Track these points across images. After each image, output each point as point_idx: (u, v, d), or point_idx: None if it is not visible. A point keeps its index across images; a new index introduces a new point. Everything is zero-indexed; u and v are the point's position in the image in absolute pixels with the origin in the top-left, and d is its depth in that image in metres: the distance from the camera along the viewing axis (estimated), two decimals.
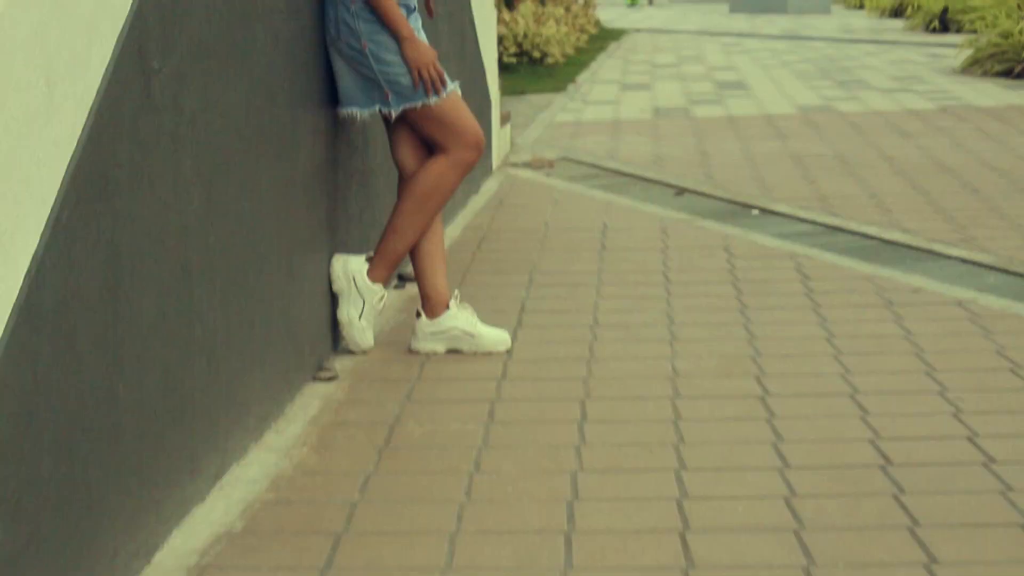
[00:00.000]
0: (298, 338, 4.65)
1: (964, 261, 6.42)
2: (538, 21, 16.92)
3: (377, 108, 4.97)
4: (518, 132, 10.73)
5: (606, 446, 4.08)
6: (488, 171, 8.75)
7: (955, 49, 17.07)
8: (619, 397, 4.55)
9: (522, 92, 13.98)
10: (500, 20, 16.03)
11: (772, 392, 4.54)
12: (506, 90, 13.59)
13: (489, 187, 8.45)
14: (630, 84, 14.99)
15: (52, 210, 2.83)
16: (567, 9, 20.60)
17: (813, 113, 12.19)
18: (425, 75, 4.88)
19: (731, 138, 10.66)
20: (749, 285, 5.98)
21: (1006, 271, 6.21)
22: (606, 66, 17.15)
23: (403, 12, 4.88)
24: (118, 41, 3.19)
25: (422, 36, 5.01)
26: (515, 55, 16.04)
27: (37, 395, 2.77)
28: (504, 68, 15.37)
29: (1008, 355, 4.89)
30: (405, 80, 4.88)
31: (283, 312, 4.48)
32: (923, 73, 15.80)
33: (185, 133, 3.60)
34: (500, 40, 15.67)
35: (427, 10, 5.28)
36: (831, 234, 7.08)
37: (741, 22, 27.09)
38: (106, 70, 3.13)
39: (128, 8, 3.25)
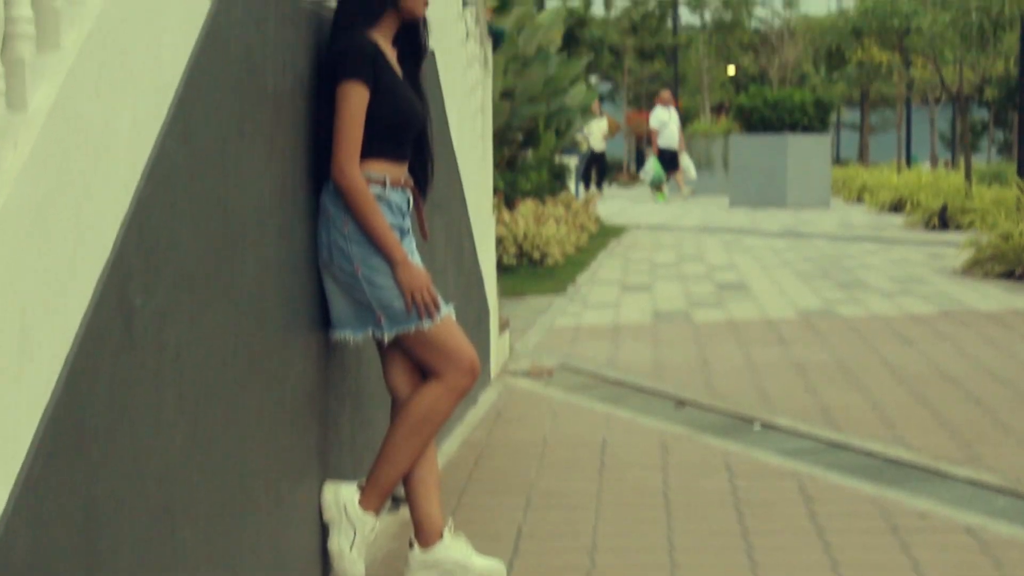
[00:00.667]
0: (287, 571, 4.50)
1: (971, 482, 6.28)
2: (538, 221, 16.96)
3: (370, 332, 4.89)
4: (517, 337, 10.66)
5: None
6: (487, 381, 8.65)
7: (955, 248, 17.09)
8: None
9: (522, 294, 13.95)
10: (500, 221, 16.06)
11: None
12: (506, 292, 13.55)
13: (487, 398, 8.34)
14: (630, 285, 14.97)
15: (22, 467, 2.71)
16: (567, 207, 20.69)
17: (814, 317, 12.13)
18: (419, 299, 4.80)
19: (732, 344, 10.58)
20: (751, 508, 5.83)
21: (1015, 494, 6.06)
22: (606, 265, 17.15)
23: (397, 235, 4.82)
24: (99, 280, 3.10)
25: (416, 259, 4.94)
26: (515, 256, 16.05)
27: None
28: (504, 269, 15.35)
29: None
30: (398, 304, 4.80)
31: (271, 545, 4.34)
32: (924, 274, 15.79)
33: (168, 370, 3.50)
34: (500, 241, 15.67)
35: (421, 232, 5.22)
36: (834, 451, 6.95)
37: (741, 217, 27.20)
38: (85, 312, 3.04)
39: (110, 245, 3.17)
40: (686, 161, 33.84)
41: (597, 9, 57.10)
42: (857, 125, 53.41)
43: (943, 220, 22.94)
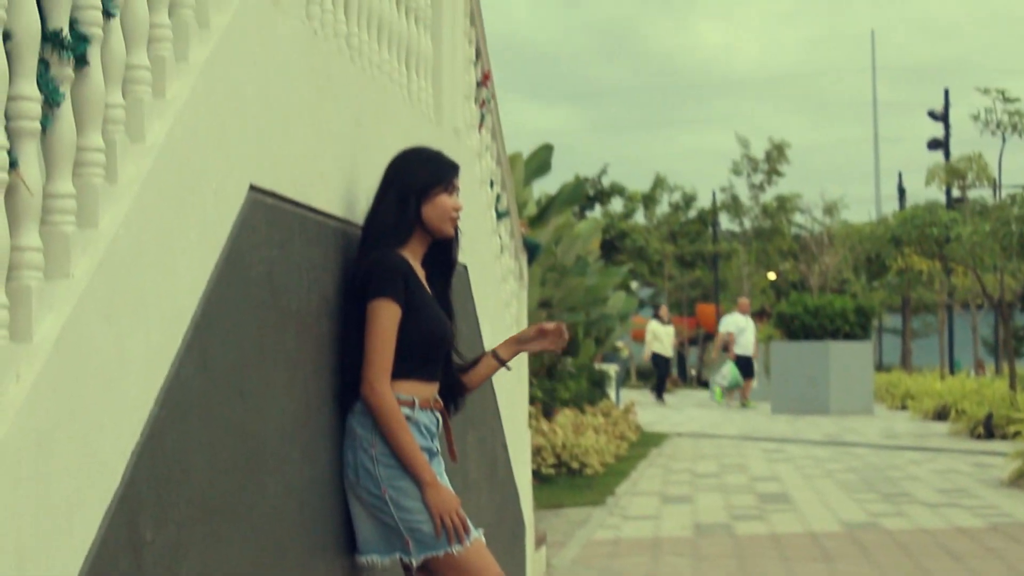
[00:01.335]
0: None
1: None
2: (577, 430, 16.78)
3: (398, 556, 4.73)
4: (554, 552, 10.43)
5: None
6: None
7: (1002, 459, 16.79)
8: None
9: (560, 505, 13.72)
10: (538, 430, 15.90)
11: None
12: (543, 503, 13.34)
13: None
14: (671, 496, 14.72)
15: None
16: (607, 415, 20.52)
17: (859, 531, 11.85)
18: (448, 523, 4.65)
19: (775, 559, 10.32)
20: None
21: None
22: (646, 475, 16.90)
23: (425, 456, 4.69)
24: (106, 514, 2.98)
25: (445, 480, 4.80)
26: (553, 466, 15.84)
27: None
28: (542, 479, 15.15)
29: None
30: (427, 528, 4.65)
31: None
32: (970, 485, 15.48)
33: None
34: (538, 451, 15.49)
35: (450, 453, 5.08)
36: None
37: (783, 425, 26.91)
38: (91, 548, 2.91)
39: (119, 477, 3.05)
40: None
41: (637, 216, 57.52)
42: (899, 330, 53.24)
43: (988, 429, 22.62)
